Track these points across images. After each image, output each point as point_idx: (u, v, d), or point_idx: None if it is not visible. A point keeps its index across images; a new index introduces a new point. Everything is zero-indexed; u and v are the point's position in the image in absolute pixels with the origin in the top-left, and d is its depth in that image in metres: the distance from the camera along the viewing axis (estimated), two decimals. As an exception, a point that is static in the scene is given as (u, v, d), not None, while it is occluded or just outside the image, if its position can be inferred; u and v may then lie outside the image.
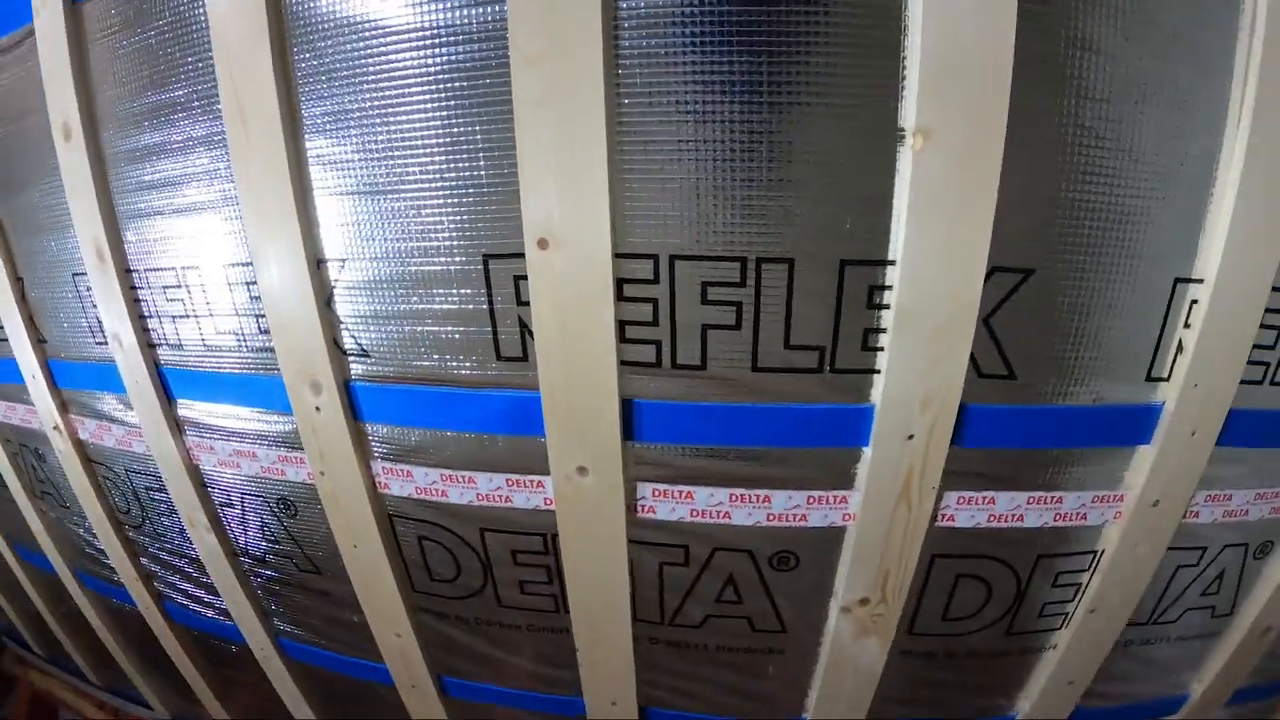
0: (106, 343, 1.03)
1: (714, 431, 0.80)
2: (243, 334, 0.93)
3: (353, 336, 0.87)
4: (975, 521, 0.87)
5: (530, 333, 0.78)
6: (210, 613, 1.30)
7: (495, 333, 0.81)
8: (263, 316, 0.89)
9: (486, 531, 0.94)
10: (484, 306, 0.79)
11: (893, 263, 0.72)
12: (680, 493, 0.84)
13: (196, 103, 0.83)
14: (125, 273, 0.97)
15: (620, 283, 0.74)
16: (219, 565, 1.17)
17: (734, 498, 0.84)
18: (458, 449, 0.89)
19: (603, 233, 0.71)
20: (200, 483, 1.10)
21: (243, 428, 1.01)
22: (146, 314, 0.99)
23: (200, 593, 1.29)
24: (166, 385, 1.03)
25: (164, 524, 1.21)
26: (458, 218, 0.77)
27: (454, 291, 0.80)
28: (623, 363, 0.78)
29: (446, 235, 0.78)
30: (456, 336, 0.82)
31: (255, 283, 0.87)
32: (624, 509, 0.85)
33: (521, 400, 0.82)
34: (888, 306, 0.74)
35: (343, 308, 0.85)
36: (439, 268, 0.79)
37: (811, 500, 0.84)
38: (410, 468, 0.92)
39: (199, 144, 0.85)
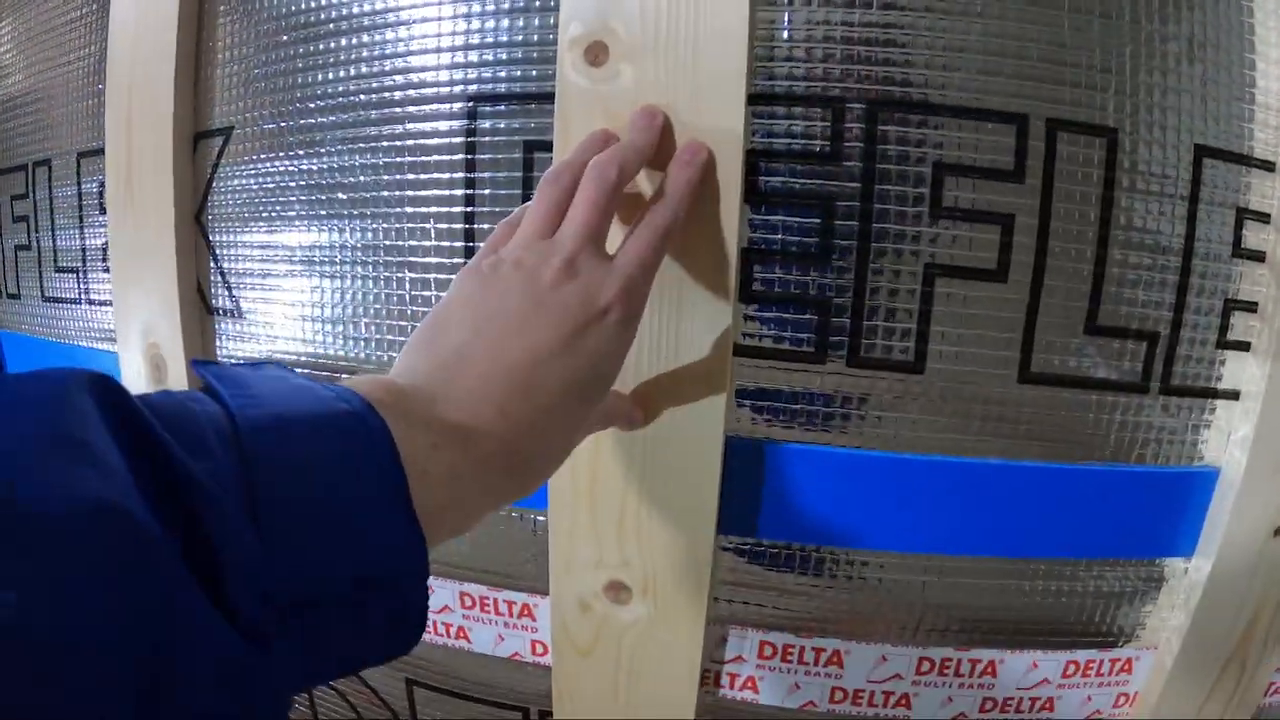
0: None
1: (920, 519, 0.31)
2: (84, 273, 0.43)
3: (225, 280, 0.37)
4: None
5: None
6: None
7: (467, 275, 0.33)
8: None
9: (418, 688, 0.39)
10: (457, 213, 0.32)
11: (1270, 166, 0.31)
12: (820, 653, 0.34)
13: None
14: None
15: (755, 158, 0.29)
16: None
17: (924, 666, 0.34)
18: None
19: (732, 35, 0.28)
20: None
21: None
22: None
23: None
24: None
25: None
26: (424, 27, 0.32)
27: (386, 170, 0.33)
28: (742, 349, 0.30)
29: (404, 58, 0.32)
30: (386, 285, 0.34)
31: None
32: (696, 676, 0.33)
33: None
34: (1262, 256, 0.31)
35: (219, 224, 0.37)
36: (374, 127, 0.33)
37: (1070, 670, 0.35)
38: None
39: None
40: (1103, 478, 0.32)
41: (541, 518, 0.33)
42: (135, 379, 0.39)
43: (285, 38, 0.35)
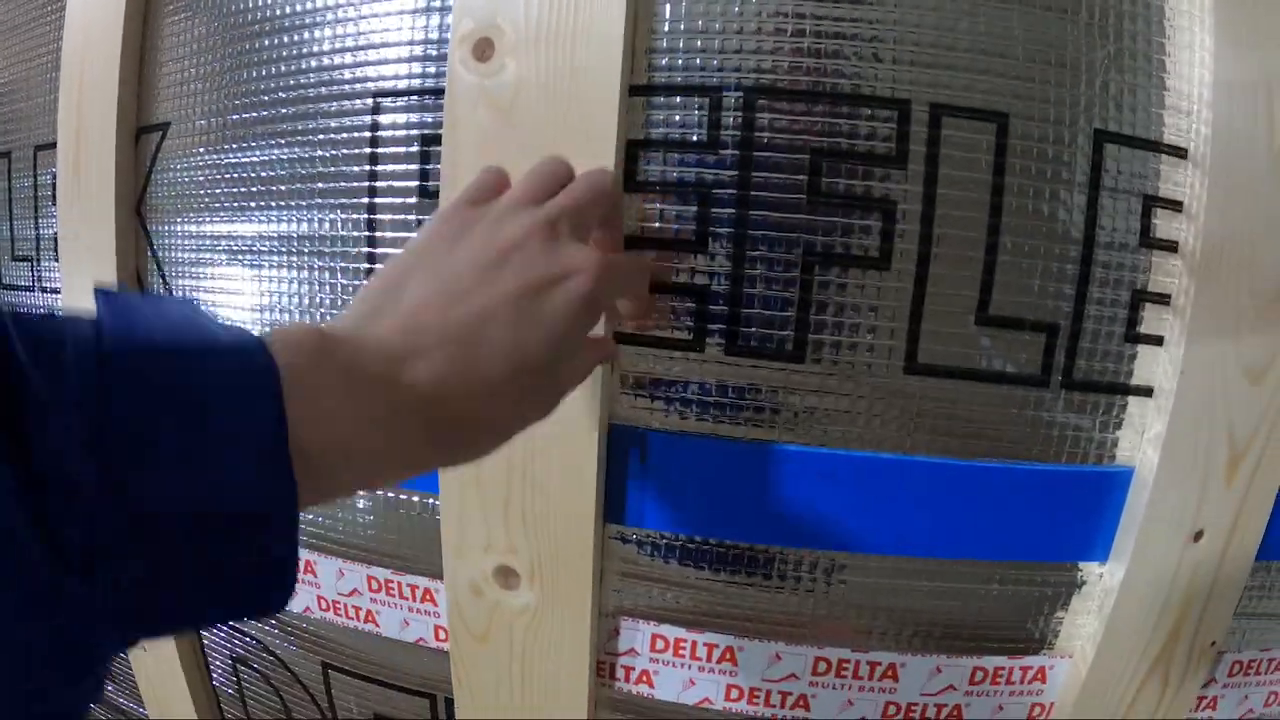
0: None
1: (805, 514, 0.29)
2: (38, 262, 0.43)
3: (161, 270, 0.37)
4: (1245, 709, 0.35)
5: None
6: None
7: (372, 263, 0.32)
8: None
9: (333, 671, 0.38)
10: (361, 204, 0.31)
11: (1181, 152, 0.28)
12: (712, 649, 0.31)
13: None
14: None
15: (635, 148, 0.27)
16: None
17: (821, 667, 0.31)
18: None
19: (610, 30, 0.26)
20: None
21: None
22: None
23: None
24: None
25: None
26: (337, 26, 0.31)
27: (301, 164, 0.32)
28: (621, 336, 0.29)
29: (318, 57, 0.32)
30: (300, 272, 0.33)
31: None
32: (588, 669, 0.31)
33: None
34: (1174, 246, 0.28)
35: (156, 215, 0.37)
36: (289, 124, 0.32)
37: (978, 676, 0.32)
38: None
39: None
40: (1004, 475, 0.29)
41: (434, 501, 0.32)
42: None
43: (217, 39, 0.34)
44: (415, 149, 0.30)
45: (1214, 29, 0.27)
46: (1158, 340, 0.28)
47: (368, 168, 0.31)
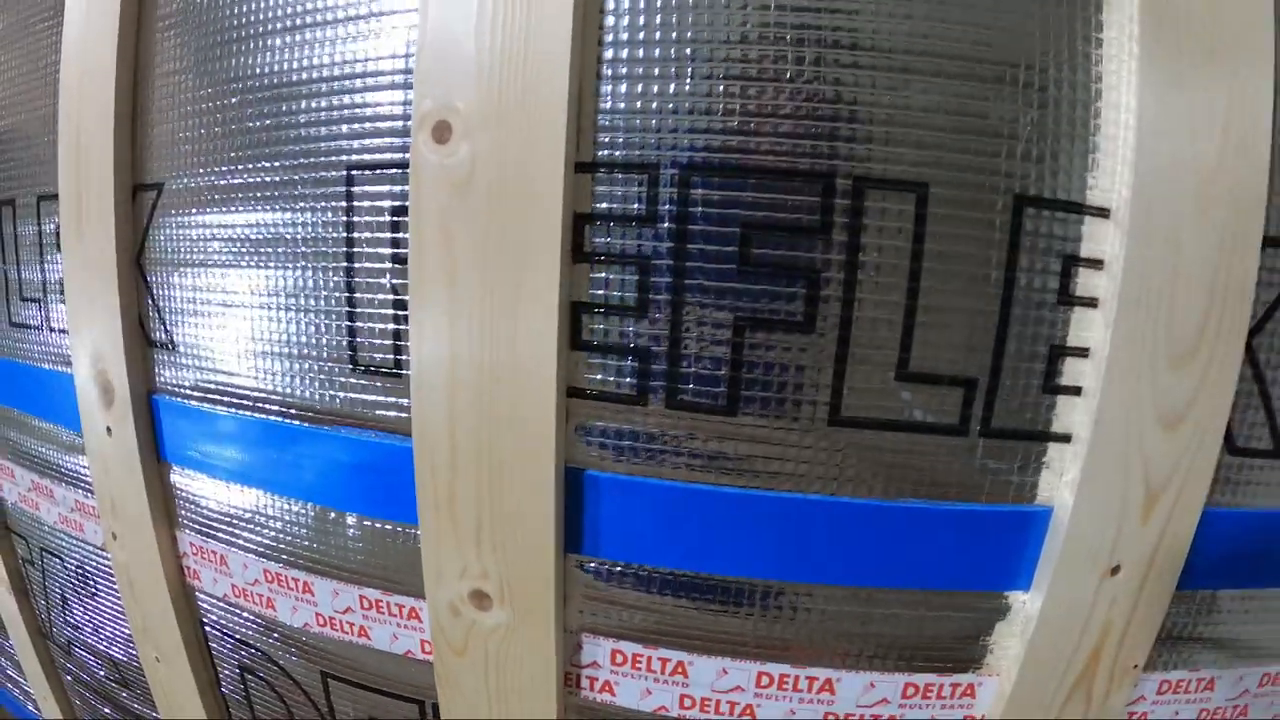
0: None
1: (742, 547, 0.32)
2: (45, 303, 0.47)
3: (161, 317, 0.41)
4: (1177, 729, 0.37)
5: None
6: (30, 705, 0.74)
7: (352, 320, 0.35)
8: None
9: (331, 680, 0.43)
10: (340, 268, 0.34)
11: (1104, 212, 0.29)
12: (665, 663, 0.35)
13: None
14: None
15: (581, 221, 0.30)
16: (23, 642, 0.65)
17: (764, 680, 0.34)
18: (288, 528, 0.40)
19: (556, 110, 0.28)
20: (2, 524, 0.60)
21: (42, 451, 0.52)
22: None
23: (13, 671, 0.73)
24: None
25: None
26: (312, 100, 0.34)
27: (285, 226, 0.35)
28: (574, 391, 0.31)
29: (296, 129, 0.34)
30: (288, 324, 0.36)
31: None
32: (556, 679, 0.35)
33: (384, 453, 0.35)
34: (1094, 302, 0.29)
35: (155, 267, 0.41)
36: (270, 190, 0.35)
37: (910, 691, 0.35)
38: (224, 550, 0.43)
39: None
40: (924, 514, 0.31)
41: (416, 530, 0.35)
42: (88, 398, 0.43)
43: (204, 104, 0.37)
44: (386, 219, 0.33)
45: (1138, 89, 0.28)
46: (1075, 390, 0.30)
47: (344, 234, 0.34)
